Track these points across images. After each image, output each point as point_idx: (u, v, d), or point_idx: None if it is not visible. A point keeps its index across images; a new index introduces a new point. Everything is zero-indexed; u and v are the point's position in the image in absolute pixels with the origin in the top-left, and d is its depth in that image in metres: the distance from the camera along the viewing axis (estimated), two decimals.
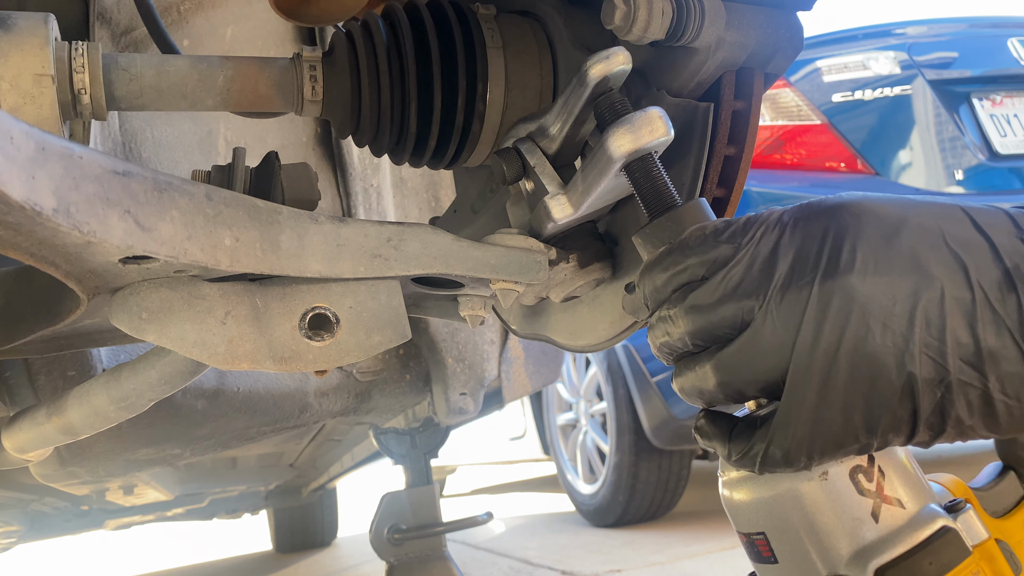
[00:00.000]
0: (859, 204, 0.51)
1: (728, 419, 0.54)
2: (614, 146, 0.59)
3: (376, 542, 1.94)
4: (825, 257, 0.49)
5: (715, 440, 0.54)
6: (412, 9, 0.74)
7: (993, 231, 0.50)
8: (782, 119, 2.77)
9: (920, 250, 0.49)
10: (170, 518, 3.26)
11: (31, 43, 0.59)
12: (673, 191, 0.59)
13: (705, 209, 0.58)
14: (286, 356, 0.59)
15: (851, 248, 0.49)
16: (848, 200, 0.51)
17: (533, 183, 0.69)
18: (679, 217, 0.57)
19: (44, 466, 1.20)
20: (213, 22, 1.15)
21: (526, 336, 0.87)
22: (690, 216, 0.57)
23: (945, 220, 0.50)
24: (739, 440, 0.52)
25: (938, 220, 0.50)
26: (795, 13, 0.70)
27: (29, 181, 0.42)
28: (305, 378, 1.49)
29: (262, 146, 1.32)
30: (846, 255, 0.49)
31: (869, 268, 0.48)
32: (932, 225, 0.50)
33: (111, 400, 0.67)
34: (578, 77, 0.63)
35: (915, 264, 0.48)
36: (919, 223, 0.50)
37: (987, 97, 2.84)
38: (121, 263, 0.51)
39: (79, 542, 6.77)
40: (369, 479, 7.42)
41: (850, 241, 0.49)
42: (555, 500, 4.87)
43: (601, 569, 2.60)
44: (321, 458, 2.77)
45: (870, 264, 0.48)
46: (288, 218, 0.58)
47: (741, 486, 0.55)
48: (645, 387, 3.05)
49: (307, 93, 0.72)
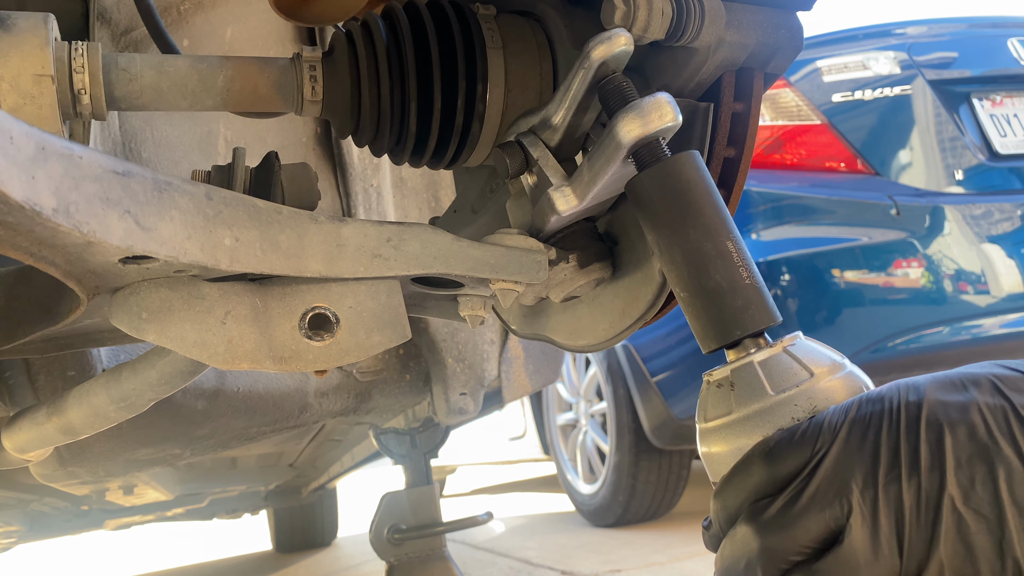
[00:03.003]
0: (921, 394, 0.49)
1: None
2: (623, 131, 0.58)
3: (376, 542, 1.94)
4: (905, 455, 0.47)
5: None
6: (412, 9, 0.74)
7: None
8: (782, 119, 2.77)
9: (994, 429, 0.47)
10: (170, 518, 3.25)
11: (31, 43, 0.59)
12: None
13: (695, 159, 0.58)
14: (286, 356, 0.59)
15: (930, 442, 0.47)
16: (907, 392, 0.50)
17: (536, 177, 0.69)
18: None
19: (44, 466, 1.20)
20: (213, 22, 1.15)
21: (526, 336, 0.87)
22: (682, 164, 0.57)
23: (1011, 389, 0.48)
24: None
25: (1006, 391, 0.48)
26: (795, 13, 0.70)
27: (29, 181, 0.42)
28: (305, 378, 1.49)
29: (262, 146, 1.32)
30: (925, 449, 0.47)
31: (950, 462, 0.47)
32: (998, 404, 0.48)
33: (111, 400, 0.67)
34: (580, 60, 0.63)
35: (992, 449, 0.46)
36: (985, 403, 0.48)
37: (987, 97, 2.84)
38: (121, 263, 0.51)
39: (79, 542, 6.77)
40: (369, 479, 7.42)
41: (926, 435, 0.48)
42: (555, 500, 4.87)
43: (601, 569, 2.60)
44: (321, 458, 2.77)
45: (949, 457, 0.47)
46: (288, 218, 0.58)
47: (723, 434, 0.55)
48: (645, 387, 3.05)
49: (307, 93, 0.72)
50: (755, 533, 0.49)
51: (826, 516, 0.48)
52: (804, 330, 2.78)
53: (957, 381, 0.50)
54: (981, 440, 0.47)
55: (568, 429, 3.85)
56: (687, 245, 0.57)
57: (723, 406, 0.56)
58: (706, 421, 0.56)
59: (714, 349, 0.57)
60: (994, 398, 0.48)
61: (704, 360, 2.69)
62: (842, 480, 0.48)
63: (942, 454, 0.47)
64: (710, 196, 0.58)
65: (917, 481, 0.47)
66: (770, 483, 0.50)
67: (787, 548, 0.49)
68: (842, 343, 2.50)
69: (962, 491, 0.46)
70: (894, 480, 0.47)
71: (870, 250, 2.56)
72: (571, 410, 3.77)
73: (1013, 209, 2.65)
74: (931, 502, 0.46)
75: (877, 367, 2.50)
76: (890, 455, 0.48)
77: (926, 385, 0.50)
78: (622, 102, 0.61)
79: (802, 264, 2.56)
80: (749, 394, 0.54)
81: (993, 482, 0.46)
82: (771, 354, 0.55)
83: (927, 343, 2.49)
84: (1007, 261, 2.58)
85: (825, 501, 0.48)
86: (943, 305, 2.53)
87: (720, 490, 0.53)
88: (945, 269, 2.55)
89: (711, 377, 0.57)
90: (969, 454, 0.46)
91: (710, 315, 0.56)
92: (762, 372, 0.54)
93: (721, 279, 0.56)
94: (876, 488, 0.47)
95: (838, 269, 2.54)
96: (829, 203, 2.64)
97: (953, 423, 0.47)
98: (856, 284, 2.53)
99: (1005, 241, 2.60)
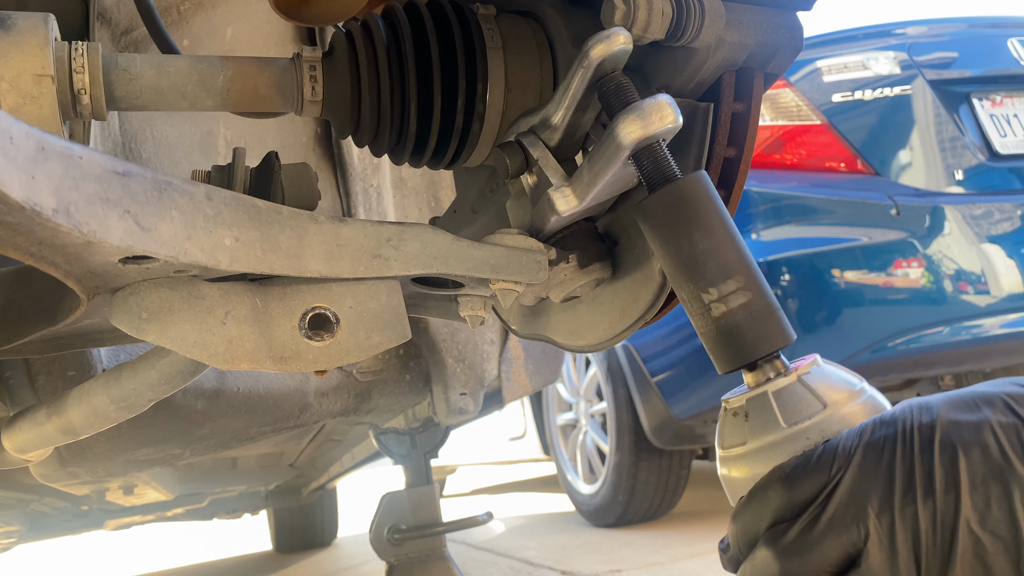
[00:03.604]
0: (934, 415, 0.49)
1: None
2: (623, 133, 0.58)
3: (376, 542, 1.94)
4: (920, 478, 0.48)
5: None
6: (412, 9, 0.74)
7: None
8: (782, 119, 2.77)
9: (1008, 449, 0.47)
10: (170, 518, 3.25)
11: (31, 43, 0.59)
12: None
13: (705, 181, 0.58)
14: (286, 356, 0.59)
15: (944, 464, 0.47)
16: (919, 414, 0.50)
17: (536, 177, 0.69)
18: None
19: (44, 466, 1.20)
20: (213, 22, 1.15)
21: (526, 336, 0.87)
22: (689, 188, 0.57)
23: (1020, 404, 0.49)
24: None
25: (1018, 409, 0.49)
26: (795, 13, 0.70)
27: (29, 181, 0.42)
28: (305, 378, 1.49)
29: (262, 146, 1.32)
30: (939, 472, 0.47)
31: (965, 482, 0.47)
32: (1011, 423, 0.48)
33: (111, 400, 0.67)
34: (578, 59, 0.63)
35: (1006, 468, 0.46)
36: (998, 422, 0.48)
37: (987, 97, 2.84)
38: (121, 263, 0.51)
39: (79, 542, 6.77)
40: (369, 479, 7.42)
41: (939, 457, 0.48)
42: (555, 500, 4.87)
43: (601, 569, 2.60)
44: (321, 458, 2.77)
45: (964, 478, 0.47)
46: (288, 218, 0.58)
47: (739, 463, 0.56)
48: (645, 387, 3.05)
49: (307, 93, 0.72)
50: (775, 557, 0.50)
51: (844, 540, 0.48)
52: (804, 330, 2.78)
53: (970, 401, 0.50)
54: (995, 460, 0.47)
55: (568, 429, 3.84)
56: (699, 268, 0.57)
57: (738, 435, 0.56)
58: (724, 448, 0.57)
59: (729, 371, 0.57)
60: (1007, 417, 0.48)
61: (705, 361, 2.69)
62: (859, 504, 0.48)
63: (956, 476, 0.47)
64: (720, 217, 0.58)
65: (933, 504, 0.47)
66: (788, 507, 0.51)
67: (806, 572, 0.49)
68: (842, 343, 2.51)
69: (978, 512, 0.46)
70: (910, 503, 0.47)
71: (870, 250, 2.56)
72: (571, 410, 3.77)
73: (1013, 209, 2.65)
74: (947, 524, 0.46)
75: (877, 367, 2.50)
76: (905, 478, 0.48)
77: (938, 406, 0.50)
78: (623, 103, 0.61)
79: (802, 264, 2.56)
80: (763, 426, 0.55)
81: (1009, 502, 0.46)
82: (785, 384, 0.55)
83: (927, 343, 2.49)
84: (1007, 261, 2.58)
85: (843, 525, 0.48)
86: (943, 305, 2.53)
87: (738, 513, 0.54)
88: (945, 269, 2.55)
89: (728, 405, 0.58)
90: (983, 475, 0.47)
91: (724, 338, 0.56)
92: (776, 403, 0.55)
93: (735, 302, 0.56)
94: (892, 512, 0.47)
95: (838, 269, 2.54)
96: (829, 203, 2.64)
97: (967, 444, 0.48)
98: (856, 284, 2.53)
99: (1005, 241, 2.60)
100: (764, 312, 0.56)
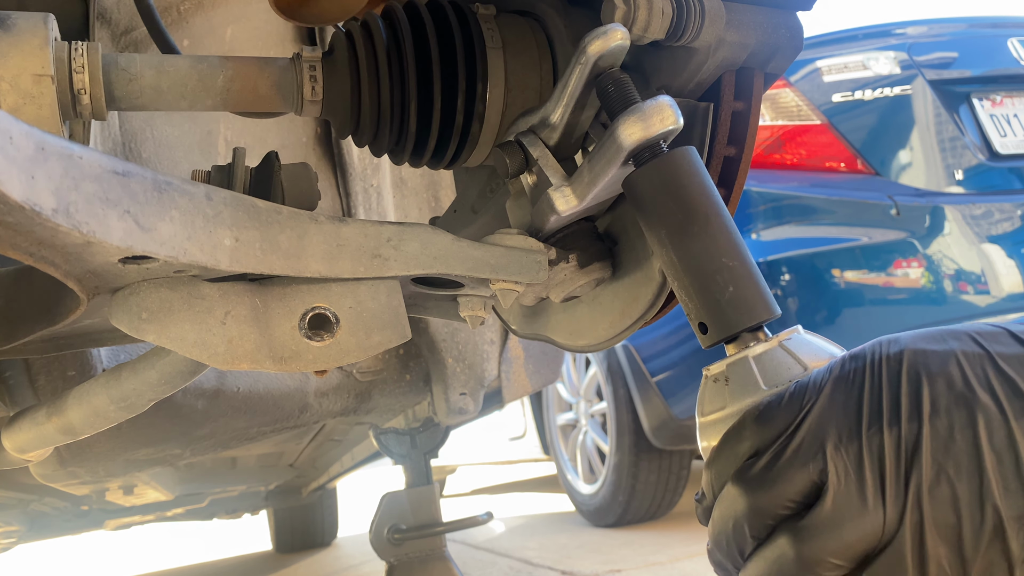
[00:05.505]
0: (902, 346, 0.49)
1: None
2: (624, 135, 0.58)
3: (376, 542, 1.94)
4: (886, 406, 0.47)
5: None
6: (412, 9, 0.74)
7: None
8: (782, 119, 2.77)
9: (971, 377, 0.47)
10: (170, 518, 3.26)
11: (31, 43, 0.59)
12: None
13: (692, 155, 0.58)
14: (286, 356, 0.59)
15: (909, 393, 0.47)
16: (888, 346, 0.50)
17: (535, 177, 0.69)
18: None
19: (44, 466, 1.20)
20: (213, 22, 1.15)
21: (526, 336, 0.87)
22: (677, 160, 0.57)
23: (990, 341, 0.49)
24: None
25: (983, 342, 0.48)
26: (795, 13, 0.70)
27: (29, 181, 0.42)
28: (305, 378, 1.49)
29: (262, 146, 1.32)
30: (905, 400, 0.47)
31: (928, 410, 0.46)
32: (976, 352, 0.48)
33: (111, 400, 0.67)
34: (576, 56, 0.63)
35: (969, 396, 0.46)
36: (963, 352, 0.48)
37: (987, 97, 2.84)
38: (121, 263, 0.51)
39: (79, 542, 6.77)
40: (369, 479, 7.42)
41: (905, 386, 0.47)
42: (555, 500, 4.87)
43: (601, 569, 2.60)
44: (321, 458, 2.77)
45: (927, 405, 0.46)
46: (288, 218, 0.58)
47: (718, 427, 0.55)
48: (645, 387, 3.05)
49: (307, 93, 0.72)
50: (741, 492, 0.50)
51: (809, 469, 0.48)
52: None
53: (937, 335, 0.50)
54: (959, 388, 0.47)
55: (568, 429, 3.85)
56: (684, 240, 0.57)
57: (718, 401, 0.56)
58: (703, 415, 0.57)
59: (712, 344, 0.57)
60: (973, 347, 0.48)
61: (704, 359, 2.69)
62: (824, 433, 0.48)
63: (919, 403, 0.47)
64: (706, 190, 0.58)
65: (897, 431, 0.46)
66: (759, 445, 0.51)
67: (773, 504, 0.49)
68: (842, 343, 2.49)
69: (941, 440, 0.46)
70: (876, 432, 0.47)
71: (870, 250, 2.56)
72: (571, 410, 3.77)
73: (1013, 209, 2.65)
74: (911, 452, 0.46)
75: None
76: (872, 407, 0.48)
77: (907, 339, 0.50)
78: (623, 103, 0.61)
79: (802, 264, 2.56)
80: (743, 389, 0.55)
81: (972, 429, 0.45)
82: (766, 348, 0.55)
83: None
84: (1007, 261, 2.58)
85: (808, 455, 0.48)
86: (943, 305, 2.53)
87: (712, 458, 0.53)
88: (945, 269, 2.55)
89: (709, 372, 0.58)
90: (948, 402, 0.46)
91: (708, 310, 0.56)
92: (756, 367, 0.55)
93: (718, 274, 0.56)
94: (859, 440, 0.47)
95: (838, 269, 2.54)
96: (829, 203, 2.64)
97: (931, 373, 0.47)
98: (856, 284, 2.53)
99: (1005, 241, 2.60)
100: (747, 285, 0.56)
